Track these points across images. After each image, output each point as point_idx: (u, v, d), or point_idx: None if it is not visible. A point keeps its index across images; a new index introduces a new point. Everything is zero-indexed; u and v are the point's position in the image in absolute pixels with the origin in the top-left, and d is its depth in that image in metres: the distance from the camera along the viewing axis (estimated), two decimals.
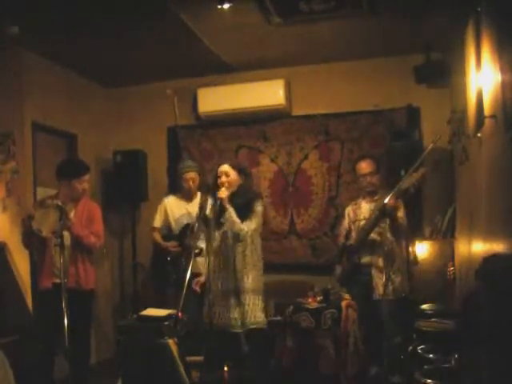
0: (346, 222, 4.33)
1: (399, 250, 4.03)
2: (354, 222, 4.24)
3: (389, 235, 3.95)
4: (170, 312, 3.35)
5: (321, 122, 5.14)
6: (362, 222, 4.12)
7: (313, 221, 5.17)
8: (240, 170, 3.91)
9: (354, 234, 4.20)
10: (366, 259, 4.06)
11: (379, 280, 3.95)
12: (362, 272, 4.05)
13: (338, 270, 4.24)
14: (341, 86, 5.09)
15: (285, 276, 4.90)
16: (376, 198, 4.14)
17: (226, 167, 3.85)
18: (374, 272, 4.02)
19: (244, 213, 3.75)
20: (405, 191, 3.77)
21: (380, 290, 3.90)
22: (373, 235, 4.01)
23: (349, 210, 4.34)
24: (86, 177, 4.02)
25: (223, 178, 3.80)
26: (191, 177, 4.54)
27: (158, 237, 4.65)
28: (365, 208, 4.20)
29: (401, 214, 3.99)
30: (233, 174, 3.83)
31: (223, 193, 3.68)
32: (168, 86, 5.14)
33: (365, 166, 4.15)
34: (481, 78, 3.13)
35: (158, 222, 4.66)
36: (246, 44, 4.63)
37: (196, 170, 4.59)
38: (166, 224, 4.63)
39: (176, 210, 4.59)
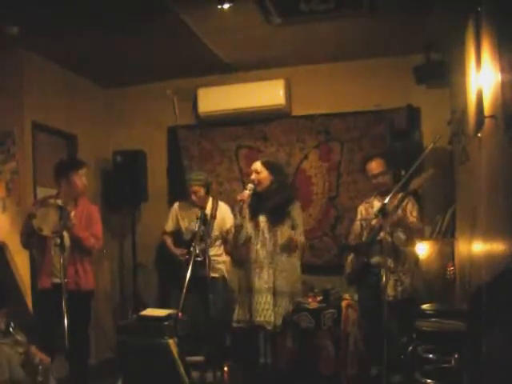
0: (358, 221, 4.27)
1: (410, 250, 3.97)
2: (365, 221, 4.19)
3: (401, 235, 3.91)
4: (170, 312, 3.35)
5: (321, 122, 5.13)
6: (374, 221, 4.08)
7: (313, 221, 5.16)
8: (271, 168, 3.96)
9: (365, 233, 4.13)
10: (375, 259, 3.98)
11: (389, 281, 3.84)
12: (372, 272, 3.98)
13: (348, 269, 4.18)
14: (341, 85, 5.08)
15: None
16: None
17: (256, 164, 3.97)
18: (383, 272, 3.97)
19: (278, 213, 3.87)
20: (414, 192, 3.74)
21: (389, 290, 3.81)
22: (382, 235, 3.94)
23: (361, 209, 4.27)
24: (84, 171, 4.01)
25: (253, 176, 3.91)
26: (194, 190, 4.44)
27: (169, 242, 4.64)
28: (377, 207, 4.11)
29: (414, 213, 3.93)
30: (263, 172, 3.90)
31: (243, 195, 3.83)
32: (168, 86, 5.14)
33: (375, 167, 4.08)
34: (481, 78, 3.12)
35: (169, 227, 4.64)
36: (246, 44, 4.62)
37: (199, 184, 4.46)
38: (177, 229, 4.61)
39: (186, 217, 4.53)
